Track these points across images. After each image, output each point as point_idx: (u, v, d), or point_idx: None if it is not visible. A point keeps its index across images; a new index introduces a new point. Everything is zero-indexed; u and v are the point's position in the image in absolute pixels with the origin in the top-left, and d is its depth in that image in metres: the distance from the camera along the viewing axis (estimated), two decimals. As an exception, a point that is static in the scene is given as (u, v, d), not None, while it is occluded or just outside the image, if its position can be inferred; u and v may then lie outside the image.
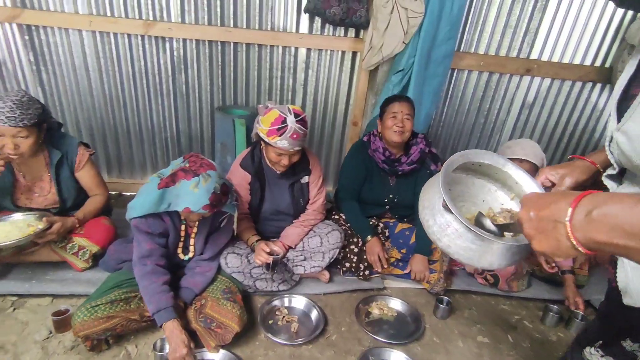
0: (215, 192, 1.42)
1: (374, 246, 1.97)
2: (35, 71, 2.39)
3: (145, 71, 2.49)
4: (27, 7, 2.23)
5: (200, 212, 1.42)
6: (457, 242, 0.82)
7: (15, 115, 1.47)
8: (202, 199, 1.39)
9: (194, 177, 1.41)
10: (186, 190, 1.40)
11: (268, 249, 1.72)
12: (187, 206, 1.40)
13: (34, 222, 1.64)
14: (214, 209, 1.45)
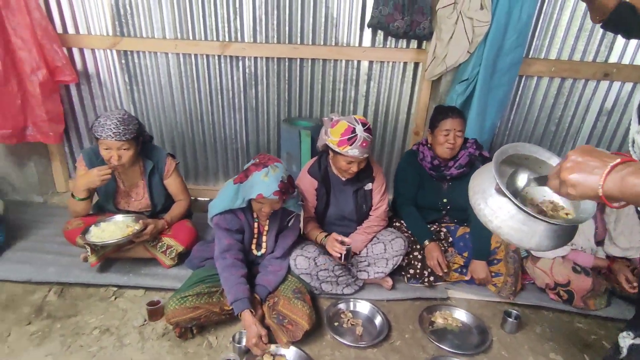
0: (283, 180, 1.60)
1: (433, 250, 1.98)
2: (129, 90, 2.72)
3: (220, 88, 2.73)
4: (124, 35, 2.56)
5: (272, 198, 1.57)
6: (509, 224, 0.90)
7: (119, 130, 1.72)
8: (272, 186, 1.56)
9: (263, 168, 1.60)
10: (258, 179, 1.58)
11: (340, 238, 1.81)
12: (260, 192, 1.57)
13: (132, 224, 1.89)
14: (283, 196, 1.60)
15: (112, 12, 2.49)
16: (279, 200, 1.62)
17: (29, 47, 2.24)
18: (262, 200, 1.61)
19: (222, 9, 2.50)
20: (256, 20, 2.54)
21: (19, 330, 1.65)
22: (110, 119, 1.72)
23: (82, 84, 2.65)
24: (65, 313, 1.76)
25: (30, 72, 2.28)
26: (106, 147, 1.75)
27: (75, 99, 2.71)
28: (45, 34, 2.26)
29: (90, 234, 1.81)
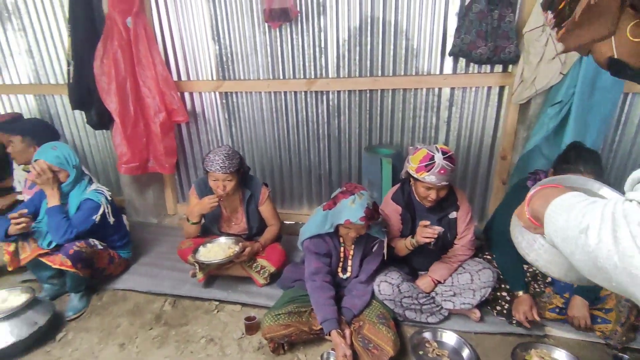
0: (369, 207, 1.71)
1: (523, 304, 1.84)
2: (228, 126, 3.09)
3: (306, 119, 2.95)
4: (226, 79, 2.95)
5: (358, 224, 1.68)
6: (544, 257, 0.88)
7: (225, 165, 1.99)
8: (358, 212, 1.68)
9: (350, 195, 1.74)
10: (345, 206, 1.72)
11: (429, 223, 1.83)
12: (347, 218, 1.70)
13: (233, 246, 2.13)
14: (369, 221, 1.70)
15: (217, 60, 2.89)
16: (364, 226, 1.72)
17: (153, 95, 2.70)
18: (349, 225, 1.72)
19: (309, 49, 2.75)
20: (339, 57, 2.73)
21: (144, 334, 1.95)
22: (218, 155, 2.00)
23: (191, 122, 3.09)
24: (178, 322, 2.03)
25: (154, 115, 2.74)
26: (214, 179, 2.03)
27: (185, 135, 3.16)
28: (166, 83, 2.71)
29: (199, 254, 2.09)
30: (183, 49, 2.90)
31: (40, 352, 1.84)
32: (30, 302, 1.87)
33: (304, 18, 2.67)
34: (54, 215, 1.99)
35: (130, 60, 2.62)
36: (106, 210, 2.15)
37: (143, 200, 3.19)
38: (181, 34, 2.86)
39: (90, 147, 3.35)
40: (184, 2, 2.77)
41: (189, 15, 2.81)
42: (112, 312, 2.13)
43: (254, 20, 2.74)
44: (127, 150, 2.71)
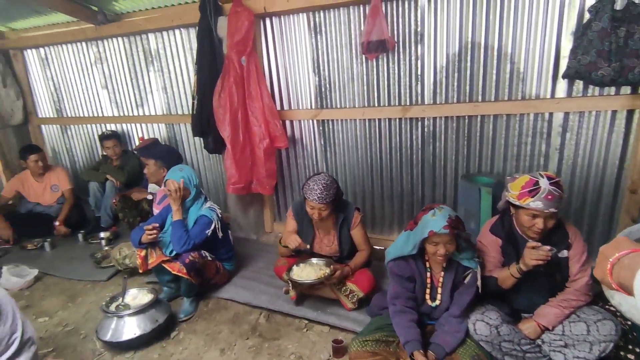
0: (451, 217, 1.66)
1: None
2: (323, 152, 3.25)
3: (399, 146, 2.95)
4: (323, 107, 3.13)
5: (442, 232, 1.64)
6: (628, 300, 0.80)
7: (323, 195, 2.10)
8: (440, 222, 1.65)
9: (430, 210, 1.73)
10: (426, 220, 1.71)
11: (538, 244, 1.66)
12: (430, 229, 1.66)
13: (324, 267, 2.21)
14: (454, 230, 1.64)
15: (316, 90, 3.10)
16: (450, 236, 1.66)
17: (259, 123, 2.99)
18: (434, 238, 1.68)
19: (405, 77, 2.78)
20: (436, 84, 2.70)
21: (241, 343, 2.12)
22: (317, 184, 2.11)
23: (290, 147, 3.33)
24: (272, 335, 2.16)
25: (259, 141, 3.02)
26: (311, 207, 2.15)
27: (285, 159, 3.40)
28: (271, 112, 2.99)
29: (292, 272, 2.21)
30: (287, 82, 3.18)
31: (157, 347, 2.12)
32: (153, 302, 2.18)
33: (400, 47, 2.73)
34: (177, 228, 2.32)
35: (243, 93, 2.96)
36: (217, 225, 2.42)
37: (245, 218, 3.50)
38: (286, 68, 3.15)
39: (205, 169, 3.83)
40: (290, 40, 3.06)
41: (293, 52, 3.08)
42: (216, 318, 2.36)
43: (352, 53, 2.88)
44: (235, 172, 3.04)
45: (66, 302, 2.63)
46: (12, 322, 1.41)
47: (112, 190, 3.73)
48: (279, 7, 2.87)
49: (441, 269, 1.84)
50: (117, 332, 2.05)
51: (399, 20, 2.70)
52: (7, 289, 2.76)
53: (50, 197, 3.80)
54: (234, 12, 2.85)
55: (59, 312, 2.52)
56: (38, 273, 2.95)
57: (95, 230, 3.69)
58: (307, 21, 2.96)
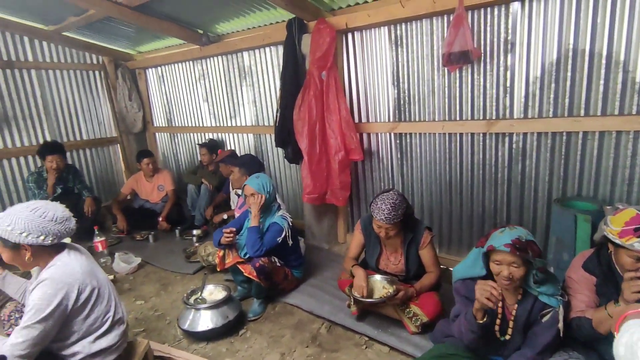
0: (520, 239, 1.49)
1: None
2: (400, 165, 3.17)
3: (482, 162, 2.74)
4: (401, 120, 3.06)
5: (502, 250, 1.49)
6: None
7: (390, 216, 2.04)
8: (504, 239, 1.51)
9: (501, 227, 1.60)
10: (493, 236, 1.59)
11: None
12: (490, 244, 1.54)
13: (388, 286, 2.15)
14: (516, 251, 1.47)
15: (394, 103, 3.05)
16: (514, 257, 1.48)
17: (336, 136, 3.05)
18: (496, 256, 1.53)
19: (492, 89, 2.58)
20: (528, 96, 2.45)
21: (301, 350, 2.17)
22: (385, 204, 2.06)
23: (366, 160, 3.32)
24: (330, 347, 2.17)
25: (334, 153, 3.08)
26: (378, 226, 2.12)
27: (360, 171, 3.41)
28: (348, 125, 3.03)
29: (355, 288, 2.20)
30: (365, 95, 3.19)
31: (226, 342, 2.29)
32: (226, 299, 2.36)
33: (487, 58, 2.55)
34: (253, 233, 2.48)
35: (321, 106, 3.06)
36: (287, 233, 2.53)
37: (319, 227, 3.59)
38: (365, 81, 3.16)
39: (285, 177, 4.03)
40: (370, 54, 3.08)
41: (373, 65, 3.09)
42: (281, 322, 2.45)
43: (433, 65, 2.78)
44: (311, 182, 3.14)
45: (159, 290, 3.00)
46: (107, 302, 1.67)
47: (206, 193, 4.16)
48: (360, 22, 2.90)
49: (515, 300, 1.64)
50: (193, 322, 2.26)
51: (486, 28, 2.52)
52: (117, 272, 3.27)
53: (157, 195, 4.37)
54: (317, 29, 2.97)
55: (152, 297, 2.89)
56: (141, 261, 3.42)
57: (189, 228, 4.13)
58: (388, 34, 2.94)
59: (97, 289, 1.63)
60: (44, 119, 4.41)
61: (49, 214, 1.53)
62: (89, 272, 1.62)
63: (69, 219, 1.60)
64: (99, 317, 1.62)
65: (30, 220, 1.48)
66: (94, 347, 1.61)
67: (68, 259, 1.59)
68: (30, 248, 1.52)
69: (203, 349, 2.24)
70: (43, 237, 1.50)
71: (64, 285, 1.50)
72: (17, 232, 1.47)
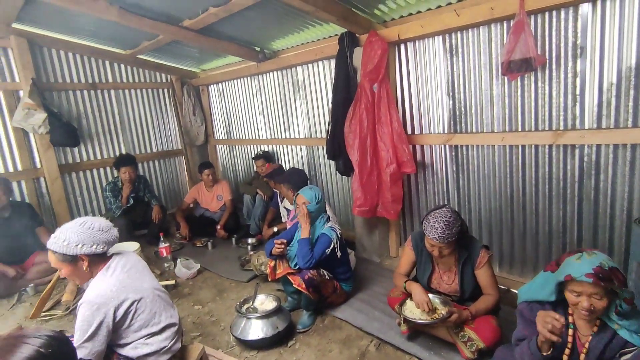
0: (603, 267, 1.34)
1: None
2: (455, 179, 3.03)
3: (548, 177, 2.53)
4: (457, 132, 2.94)
5: (583, 280, 1.34)
6: None
7: (444, 235, 1.96)
8: (584, 267, 1.35)
9: (577, 253, 1.43)
10: (568, 262, 1.43)
11: None
12: (568, 273, 1.38)
13: (440, 306, 2.05)
14: (599, 281, 1.32)
15: (449, 114, 2.94)
16: (597, 288, 1.33)
17: (387, 148, 3.01)
18: (574, 286, 1.38)
19: (558, 98, 2.39)
20: (602, 105, 2.24)
21: (348, 367, 2.14)
22: (439, 222, 1.97)
23: (419, 173, 3.22)
24: (379, 367, 2.12)
25: (386, 166, 3.03)
26: (431, 244, 2.04)
27: (413, 184, 3.32)
28: (399, 137, 2.97)
29: (405, 307, 2.13)
30: (419, 106, 3.12)
31: (275, 352, 2.33)
32: (277, 309, 2.41)
33: (553, 64, 2.37)
34: (303, 245, 2.52)
35: (373, 119, 3.04)
36: (336, 245, 2.53)
37: (370, 240, 3.54)
38: (418, 92, 3.10)
39: (337, 189, 4.04)
40: (424, 64, 3.01)
41: (427, 75, 3.01)
42: (329, 336, 2.45)
43: (491, 74, 2.65)
44: (361, 195, 3.12)
45: (215, 296, 3.15)
46: (149, 310, 1.77)
47: (261, 203, 4.31)
48: (412, 33, 2.86)
49: (590, 331, 1.48)
50: (244, 330, 2.34)
51: (551, 33, 2.36)
52: (178, 277, 3.48)
53: (216, 204, 4.62)
54: (368, 42, 2.98)
55: (209, 303, 3.03)
56: (200, 267, 3.61)
57: (245, 236, 4.30)
58: (443, 44, 2.86)
59: (138, 300, 1.71)
60: (120, 133, 4.88)
61: (95, 225, 1.70)
62: (126, 285, 1.71)
63: (112, 228, 1.77)
64: (143, 325, 1.73)
65: (81, 233, 1.65)
66: (144, 349, 1.73)
67: (103, 276, 1.70)
68: (86, 258, 1.67)
69: (254, 358, 2.30)
70: (95, 246, 1.66)
71: (99, 306, 1.60)
72: (73, 245, 1.63)
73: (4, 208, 3.39)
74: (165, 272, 3.62)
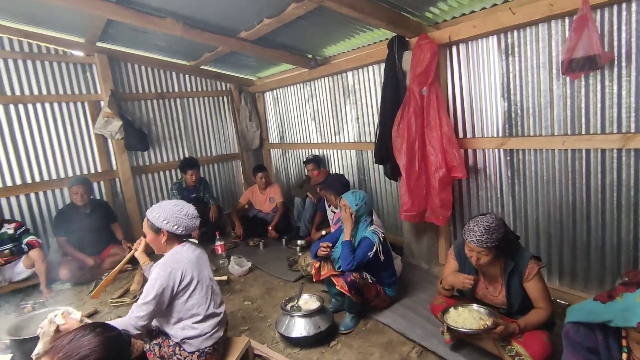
0: None
1: None
2: (510, 184, 2.88)
3: (617, 183, 2.32)
4: (512, 135, 2.79)
5: None
6: None
7: (482, 239, 1.88)
8: None
9: (638, 288, 1.27)
10: (632, 304, 1.26)
11: None
12: (638, 321, 1.22)
13: (485, 317, 1.97)
14: None
15: (504, 117, 2.80)
16: None
17: (436, 152, 2.94)
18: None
19: (629, 98, 2.20)
20: (680, 104, 2.00)
21: (388, 372, 2.13)
22: (478, 225, 1.91)
23: (471, 178, 3.10)
24: (420, 375, 2.08)
25: (434, 170, 2.96)
26: (469, 249, 1.97)
27: (465, 190, 3.20)
28: (449, 141, 2.89)
29: (448, 315, 2.06)
30: (471, 109, 3.01)
31: (317, 351, 2.38)
32: (319, 309, 2.47)
33: (622, 62, 2.19)
34: (345, 248, 2.55)
35: (421, 123, 2.99)
36: (378, 249, 2.53)
37: (418, 245, 3.47)
38: (471, 95, 2.99)
39: (386, 193, 4.02)
40: (476, 66, 2.91)
41: (480, 77, 2.91)
42: (371, 339, 2.45)
43: (551, 73, 2.49)
44: (408, 200, 3.07)
45: (264, 293, 3.29)
46: (204, 294, 2.01)
47: (311, 206, 4.41)
48: (464, 34, 2.78)
49: None
50: (288, 328, 2.42)
51: (620, 28, 2.17)
52: (231, 273, 3.69)
53: (268, 206, 4.81)
54: (418, 45, 2.94)
55: (258, 300, 3.18)
56: (251, 265, 3.79)
57: (295, 238, 4.42)
58: (497, 44, 2.74)
59: (197, 280, 1.96)
60: (184, 138, 5.28)
61: (184, 211, 2.00)
62: (193, 263, 1.98)
63: (196, 217, 2.07)
64: (195, 305, 1.95)
65: (172, 212, 1.96)
66: (191, 332, 1.93)
67: (180, 249, 2.01)
68: (167, 234, 1.97)
69: (296, 354, 2.38)
70: (176, 227, 1.96)
71: (171, 269, 1.88)
72: (161, 220, 1.95)
73: (85, 205, 3.85)
74: (219, 269, 3.85)
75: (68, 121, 4.31)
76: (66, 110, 4.30)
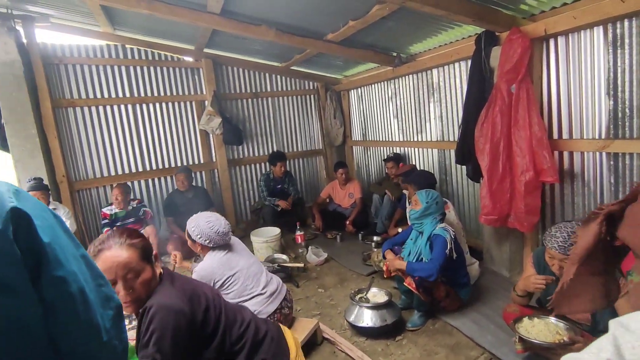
0: None
1: None
2: (613, 192, 2.57)
3: None
4: (618, 137, 2.49)
5: None
6: None
7: (565, 245, 1.76)
8: None
9: None
10: None
11: None
12: None
13: (562, 331, 1.83)
14: None
15: (608, 117, 2.52)
16: None
17: (524, 154, 2.76)
18: None
19: None
20: None
21: (452, 373, 2.12)
22: (560, 231, 1.80)
23: (565, 183, 2.84)
24: (486, 381, 2.03)
25: (520, 173, 2.78)
26: (550, 256, 1.85)
27: (557, 195, 2.94)
28: (539, 143, 2.69)
29: (520, 324, 1.96)
30: (568, 107, 2.76)
31: (382, 343, 2.46)
32: (386, 303, 2.54)
33: None
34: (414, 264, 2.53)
35: (508, 122, 2.83)
36: (451, 246, 2.49)
37: (499, 251, 3.28)
38: (568, 92, 2.74)
39: (468, 195, 3.86)
40: (576, 61, 2.66)
41: (581, 73, 2.65)
42: (437, 339, 2.44)
43: (669, 67, 2.17)
44: (489, 203, 2.94)
45: (337, 283, 3.45)
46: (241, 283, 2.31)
47: (388, 203, 4.45)
48: (562, 26, 2.55)
49: None
50: (356, 317, 2.54)
51: None
52: (308, 262, 3.93)
53: (347, 201, 4.97)
54: (508, 40, 2.79)
55: (331, 288, 3.35)
56: (328, 256, 3.99)
57: (371, 233, 4.50)
58: (604, 35, 2.47)
59: (231, 275, 2.26)
60: (274, 134, 5.72)
61: (215, 228, 2.27)
62: (223, 264, 2.26)
63: (227, 233, 2.33)
64: (237, 295, 2.26)
65: (204, 229, 2.26)
66: None
67: (209, 256, 2.29)
68: (200, 244, 2.30)
69: (362, 343, 2.49)
70: (207, 241, 2.28)
71: (202, 277, 2.18)
72: (196, 234, 2.28)
73: (188, 190, 4.46)
74: (298, 257, 4.13)
75: (179, 118, 5.02)
76: (177, 109, 5.01)
